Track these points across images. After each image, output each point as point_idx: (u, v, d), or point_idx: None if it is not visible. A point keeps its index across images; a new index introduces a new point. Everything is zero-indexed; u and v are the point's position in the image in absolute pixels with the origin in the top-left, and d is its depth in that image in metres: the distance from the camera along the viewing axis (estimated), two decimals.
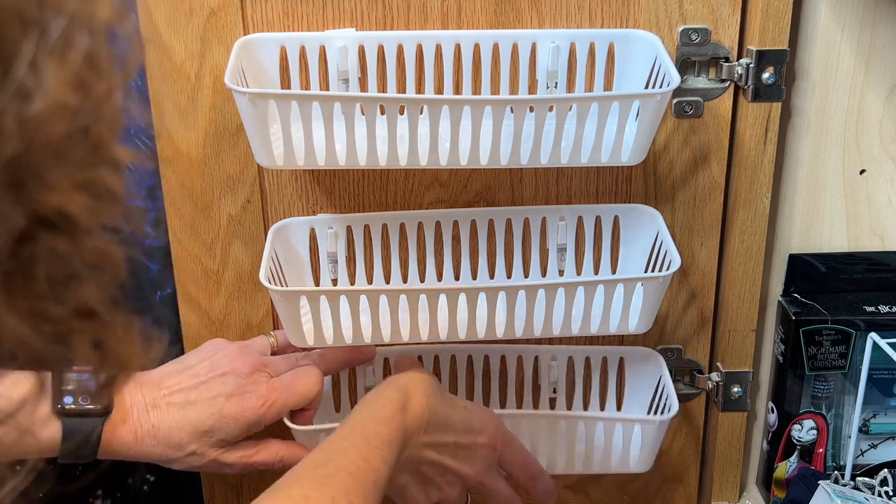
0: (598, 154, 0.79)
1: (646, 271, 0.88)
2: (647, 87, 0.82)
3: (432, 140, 0.77)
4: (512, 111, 0.77)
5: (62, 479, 1.19)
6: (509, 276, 0.93)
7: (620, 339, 0.96)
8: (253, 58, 0.83)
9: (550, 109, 0.76)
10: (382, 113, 0.79)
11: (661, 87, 0.79)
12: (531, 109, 0.78)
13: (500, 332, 0.84)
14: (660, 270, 0.84)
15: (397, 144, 0.77)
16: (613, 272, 0.93)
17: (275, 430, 0.99)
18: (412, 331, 0.83)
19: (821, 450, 0.96)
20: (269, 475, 1.01)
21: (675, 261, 0.82)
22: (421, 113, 0.76)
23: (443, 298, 0.81)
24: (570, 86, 0.86)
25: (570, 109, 0.77)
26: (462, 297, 0.81)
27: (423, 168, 0.80)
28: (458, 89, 0.86)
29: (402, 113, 0.76)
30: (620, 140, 0.78)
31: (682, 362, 0.97)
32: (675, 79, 0.76)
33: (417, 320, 0.83)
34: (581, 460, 0.89)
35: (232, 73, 0.76)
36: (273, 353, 0.90)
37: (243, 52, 0.81)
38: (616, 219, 0.91)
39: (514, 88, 0.86)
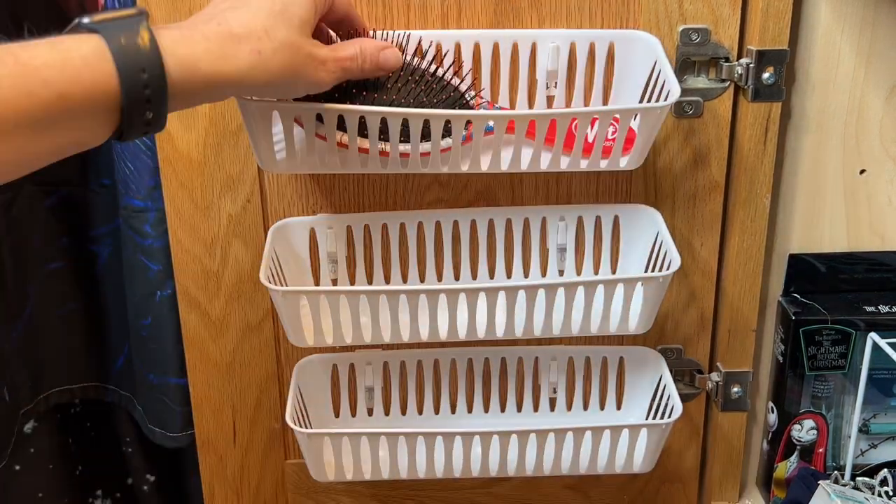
0: (597, 161, 0.79)
1: (646, 271, 0.88)
2: (646, 88, 0.82)
3: (433, 144, 0.77)
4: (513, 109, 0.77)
5: (62, 479, 1.19)
6: (509, 276, 0.93)
7: (620, 339, 0.96)
8: None
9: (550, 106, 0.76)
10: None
11: (660, 90, 0.79)
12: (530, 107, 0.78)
13: (499, 333, 0.84)
14: (660, 270, 0.84)
15: (397, 145, 0.77)
16: (613, 272, 0.93)
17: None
18: (412, 330, 0.83)
19: (821, 450, 0.96)
20: (267, 475, 1.01)
21: (675, 260, 0.82)
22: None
23: (443, 298, 0.81)
24: (570, 86, 0.86)
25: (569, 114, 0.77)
26: (462, 297, 0.81)
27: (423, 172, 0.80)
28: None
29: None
30: (619, 147, 0.78)
31: (682, 362, 0.97)
32: (675, 89, 0.76)
33: (417, 320, 0.83)
34: (586, 463, 0.89)
35: None
36: None
37: None
38: (616, 219, 0.91)
39: (513, 88, 0.86)
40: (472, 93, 0.82)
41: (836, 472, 0.94)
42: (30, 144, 0.54)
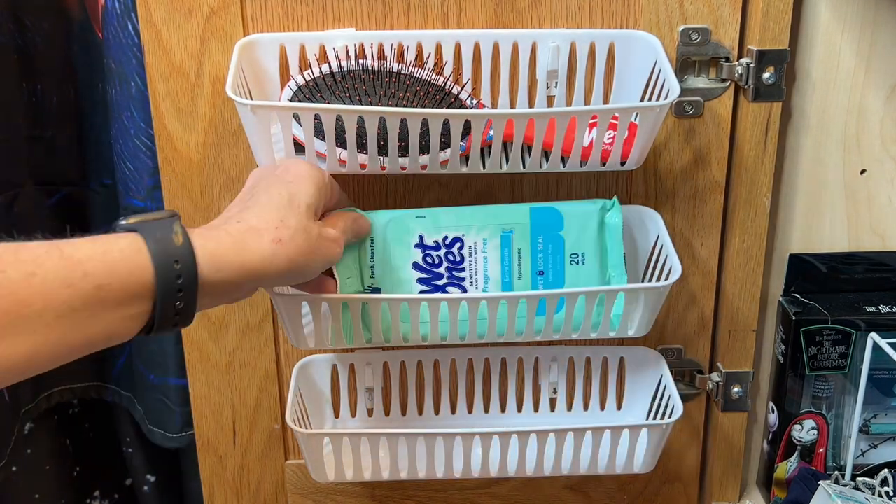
0: (597, 162, 0.79)
1: (645, 274, 0.88)
2: (646, 88, 0.82)
3: (432, 147, 0.77)
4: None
5: (59, 480, 1.19)
6: None
7: (621, 340, 0.96)
8: (253, 58, 0.83)
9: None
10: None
11: (661, 90, 0.79)
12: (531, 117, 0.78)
13: (501, 337, 0.84)
14: (660, 275, 0.84)
15: (397, 151, 0.77)
16: None
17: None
18: (412, 332, 0.83)
19: (821, 450, 0.96)
20: (267, 475, 1.01)
21: (676, 268, 0.81)
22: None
23: (444, 306, 0.81)
24: (570, 86, 0.86)
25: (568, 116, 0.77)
26: (463, 305, 0.81)
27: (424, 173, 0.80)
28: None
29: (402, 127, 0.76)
30: (619, 147, 0.78)
31: (682, 362, 0.97)
32: (674, 88, 0.76)
33: (418, 322, 0.83)
34: (587, 464, 0.89)
35: (233, 81, 0.75)
36: None
37: (244, 55, 0.81)
38: None
39: (513, 88, 0.86)
40: (475, 100, 0.82)
41: (836, 472, 0.94)
42: (66, 337, 0.57)
